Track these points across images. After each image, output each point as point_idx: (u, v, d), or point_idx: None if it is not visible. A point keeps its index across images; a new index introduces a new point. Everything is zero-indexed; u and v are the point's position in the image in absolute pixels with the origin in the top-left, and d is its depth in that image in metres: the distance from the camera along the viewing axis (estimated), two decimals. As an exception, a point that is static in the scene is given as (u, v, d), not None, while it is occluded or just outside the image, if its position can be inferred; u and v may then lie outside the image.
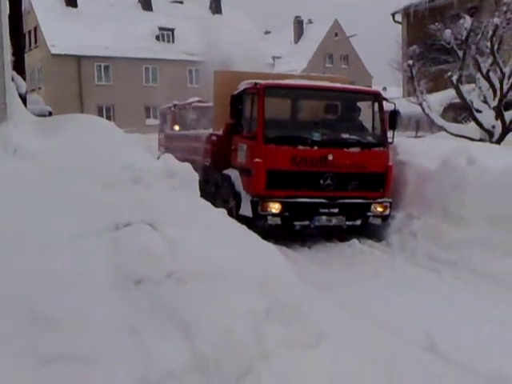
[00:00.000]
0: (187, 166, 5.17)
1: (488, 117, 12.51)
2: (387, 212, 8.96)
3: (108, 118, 40.84)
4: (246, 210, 8.65)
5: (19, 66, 6.43)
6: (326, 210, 8.65)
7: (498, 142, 12.23)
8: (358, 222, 8.99)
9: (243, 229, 5.23)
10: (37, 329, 3.49)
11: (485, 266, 6.89)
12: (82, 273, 3.85)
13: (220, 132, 10.09)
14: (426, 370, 4.20)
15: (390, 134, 9.23)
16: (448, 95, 15.60)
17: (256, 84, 8.83)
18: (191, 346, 3.70)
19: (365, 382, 4.09)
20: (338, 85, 9.96)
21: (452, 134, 12.95)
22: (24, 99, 5.95)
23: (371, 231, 9.16)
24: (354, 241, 8.73)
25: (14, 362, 3.24)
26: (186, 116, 14.78)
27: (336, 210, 8.70)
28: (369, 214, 8.90)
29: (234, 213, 8.66)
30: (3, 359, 3.22)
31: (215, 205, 6.14)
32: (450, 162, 8.31)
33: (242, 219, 8.12)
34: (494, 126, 12.41)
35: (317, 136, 8.77)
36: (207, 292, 4.06)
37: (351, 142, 8.91)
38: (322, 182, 8.62)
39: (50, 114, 10.38)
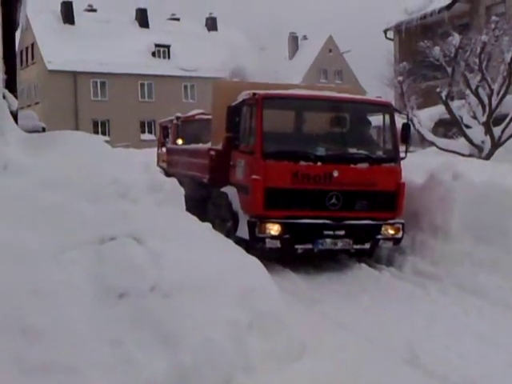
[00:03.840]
0: (173, 180, 5.25)
1: (477, 132, 12.68)
2: (400, 234, 8.13)
3: (103, 132, 41.11)
4: (242, 231, 7.99)
5: (11, 84, 6.53)
6: (331, 233, 7.88)
7: (488, 157, 12.39)
8: (367, 246, 8.20)
9: (227, 242, 5.32)
10: (22, 340, 3.57)
11: (470, 280, 6.92)
12: (67, 286, 3.93)
13: (219, 146, 9.30)
14: (406, 382, 4.27)
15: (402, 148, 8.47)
16: (438, 111, 15.75)
17: (254, 94, 8.11)
18: (173, 356, 3.79)
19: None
20: (343, 95, 8.97)
21: (442, 149, 13.10)
22: (15, 117, 6.03)
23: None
24: (343, 256, 8.64)
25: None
26: (190, 129, 13.83)
27: (342, 233, 7.92)
28: (379, 236, 8.08)
29: (231, 234, 8.01)
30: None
31: (214, 225, 5.95)
32: (437, 177, 8.39)
33: (240, 241, 7.53)
34: (483, 142, 12.58)
35: (321, 151, 8.04)
36: (189, 304, 4.15)
37: (359, 157, 8.13)
38: (326, 201, 7.86)
39: (44, 129, 10.47)
